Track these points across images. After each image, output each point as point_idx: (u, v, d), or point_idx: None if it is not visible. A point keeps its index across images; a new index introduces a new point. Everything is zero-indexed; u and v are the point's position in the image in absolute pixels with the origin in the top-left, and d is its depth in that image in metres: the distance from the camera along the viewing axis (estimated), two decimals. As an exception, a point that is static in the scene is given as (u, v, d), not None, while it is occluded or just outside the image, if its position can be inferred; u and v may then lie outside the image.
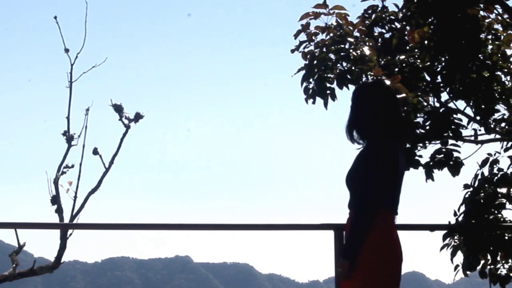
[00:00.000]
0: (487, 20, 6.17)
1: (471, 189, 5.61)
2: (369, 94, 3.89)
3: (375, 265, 3.67)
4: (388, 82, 5.56)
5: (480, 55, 5.97)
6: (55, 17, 8.99)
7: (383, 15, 6.60)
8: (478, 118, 6.02)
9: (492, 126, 6.06)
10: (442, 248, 5.44)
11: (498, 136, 6.11)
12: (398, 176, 3.82)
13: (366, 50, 5.78)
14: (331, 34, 5.92)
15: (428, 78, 6.03)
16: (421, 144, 5.77)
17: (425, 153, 5.79)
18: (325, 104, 5.93)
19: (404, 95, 5.58)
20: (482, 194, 5.47)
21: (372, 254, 3.66)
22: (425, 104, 5.86)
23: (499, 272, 5.48)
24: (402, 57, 6.08)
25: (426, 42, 6.01)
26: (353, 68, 5.82)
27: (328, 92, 5.89)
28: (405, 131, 3.91)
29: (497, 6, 6.17)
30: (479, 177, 5.66)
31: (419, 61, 6.04)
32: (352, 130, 3.88)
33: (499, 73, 6.05)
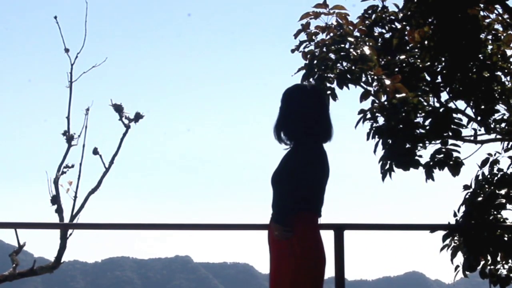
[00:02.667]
0: (487, 20, 6.17)
1: (471, 190, 5.61)
2: (297, 96, 3.96)
3: (303, 258, 3.76)
4: (388, 81, 5.57)
5: (480, 55, 5.96)
6: (55, 17, 8.96)
7: (383, 15, 6.59)
8: (478, 118, 6.01)
9: (492, 126, 6.06)
10: (442, 248, 5.44)
11: (498, 136, 6.11)
12: (324, 178, 3.88)
13: (366, 50, 5.78)
14: (331, 34, 5.92)
15: (428, 78, 6.02)
16: (421, 144, 5.76)
17: (425, 153, 5.79)
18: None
19: (404, 95, 5.58)
20: (482, 195, 5.48)
21: (299, 251, 3.76)
22: (425, 104, 5.86)
23: (499, 272, 5.48)
24: (402, 57, 6.08)
25: (426, 42, 6.01)
26: (353, 68, 5.81)
27: (328, 92, 5.89)
28: (331, 134, 3.96)
29: (497, 6, 6.17)
30: (480, 177, 5.67)
31: (419, 61, 6.03)
32: (280, 131, 3.93)
33: (499, 73, 6.05)
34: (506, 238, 5.27)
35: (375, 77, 5.71)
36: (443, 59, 6.02)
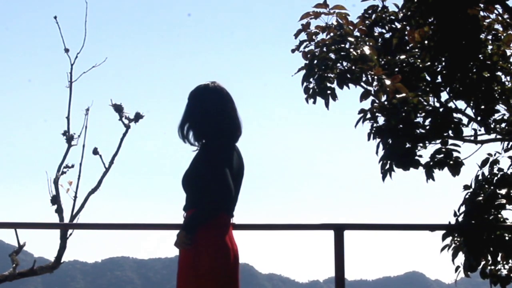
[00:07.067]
0: (487, 20, 6.17)
1: (471, 190, 5.61)
2: (203, 96, 3.94)
3: (210, 268, 3.72)
4: (389, 81, 5.57)
5: (480, 55, 5.97)
6: (55, 17, 8.95)
7: (383, 15, 6.60)
8: (478, 118, 6.01)
9: (492, 126, 6.06)
10: (442, 249, 5.45)
11: (498, 136, 6.11)
12: (237, 177, 3.85)
13: (366, 50, 5.78)
14: (332, 34, 5.92)
15: (428, 78, 6.02)
16: (421, 144, 5.76)
17: (425, 153, 5.79)
18: (327, 104, 5.94)
19: (404, 95, 5.58)
20: (482, 195, 5.48)
21: (208, 257, 3.72)
22: (425, 104, 5.86)
23: (499, 272, 5.48)
24: (402, 57, 6.08)
25: (426, 42, 6.02)
26: (353, 67, 5.82)
27: (328, 92, 5.90)
28: (239, 132, 3.94)
29: (497, 6, 6.17)
30: (480, 177, 5.67)
31: (419, 61, 6.04)
32: (185, 130, 3.92)
33: (499, 73, 6.05)
34: (506, 238, 5.28)
35: (375, 77, 5.72)
36: (443, 59, 6.02)
